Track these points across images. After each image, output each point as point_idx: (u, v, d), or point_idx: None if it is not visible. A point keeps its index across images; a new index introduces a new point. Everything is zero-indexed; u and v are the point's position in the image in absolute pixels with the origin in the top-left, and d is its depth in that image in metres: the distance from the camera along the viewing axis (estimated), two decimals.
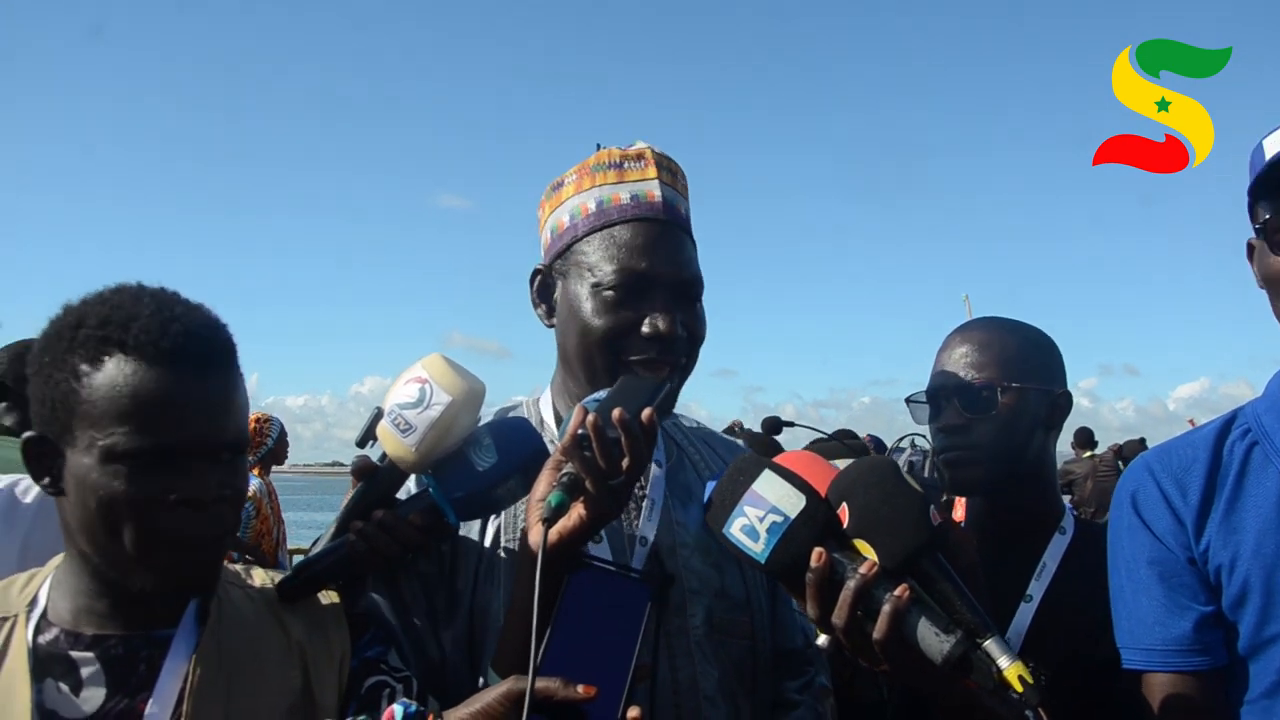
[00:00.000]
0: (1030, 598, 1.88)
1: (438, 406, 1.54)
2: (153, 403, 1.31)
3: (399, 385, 1.58)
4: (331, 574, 1.59)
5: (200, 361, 1.35)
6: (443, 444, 1.56)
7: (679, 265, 1.77)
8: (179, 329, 1.34)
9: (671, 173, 1.85)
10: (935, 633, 1.30)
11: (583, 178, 1.85)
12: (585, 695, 1.26)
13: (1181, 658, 1.58)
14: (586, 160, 1.86)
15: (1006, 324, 2.02)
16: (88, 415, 1.32)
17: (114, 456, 1.30)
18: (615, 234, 1.77)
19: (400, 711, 1.28)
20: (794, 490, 1.39)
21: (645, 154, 1.84)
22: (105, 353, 1.33)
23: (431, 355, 1.60)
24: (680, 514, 1.81)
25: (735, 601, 1.78)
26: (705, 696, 1.69)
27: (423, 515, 1.57)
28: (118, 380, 1.31)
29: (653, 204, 1.78)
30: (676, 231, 1.80)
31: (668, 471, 1.85)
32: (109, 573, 1.38)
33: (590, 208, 1.81)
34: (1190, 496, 1.60)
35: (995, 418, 1.90)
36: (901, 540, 1.35)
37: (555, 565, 1.45)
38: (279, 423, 7.31)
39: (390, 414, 1.56)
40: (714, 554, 1.78)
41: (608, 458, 1.40)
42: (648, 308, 1.73)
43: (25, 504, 1.95)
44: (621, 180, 1.81)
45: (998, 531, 1.99)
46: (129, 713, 1.35)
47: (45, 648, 1.38)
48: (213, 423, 1.36)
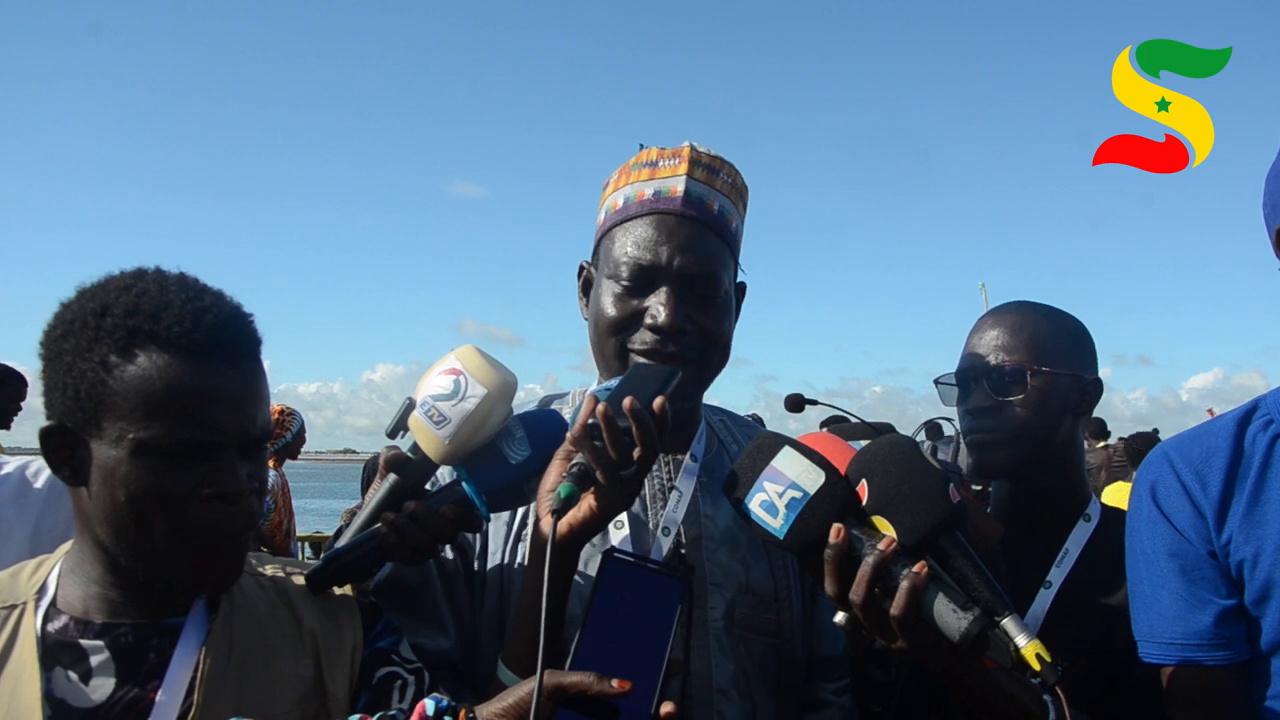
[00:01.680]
0: (1050, 584, 1.87)
1: (473, 399, 1.53)
2: (188, 396, 1.30)
3: (432, 376, 1.56)
4: (362, 565, 1.58)
5: (232, 353, 1.35)
6: (476, 436, 1.55)
7: (691, 258, 1.74)
8: (211, 320, 1.33)
9: (711, 170, 1.83)
10: (953, 610, 1.30)
11: (621, 176, 1.88)
12: (620, 690, 1.25)
13: (1202, 651, 1.56)
14: (629, 160, 1.89)
15: (1039, 308, 2.01)
16: (118, 408, 1.30)
17: (147, 450, 1.29)
18: (632, 227, 1.78)
19: (431, 706, 1.27)
20: (814, 466, 1.39)
21: (683, 152, 1.84)
22: (137, 344, 1.31)
23: (465, 346, 1.59)
24: (709, 506, 1.80)
25: (761, 598, 1.76)
26: (719, 690, 1.68)
27: (454, 508, 1.55)
28: (151, 373, 1.30)
29: (673, 198, 1.78)
30: (697, 225, 1.77)
31: (704, 464, 1.84)
32: (131, 564, 1.36)
33: (619, 204, 1.84)
34: (1211, 489, 1.58)
35: (1023, 401, 1.89)
36: (920, 517, 1.34)
37: (566, 556, 1.45)
38: (300, 417, 7.30)
39: (423, 405, 1.55)
40: (741, 549, 1.77)
41: (618, 447, 1.39)
42: (653, 299, 1.73)
43: (37, 488, 1.93)
44: (653, 177, 1.82)
45: (1021, 517, 1.98)
46: (139, 702, 1.34)
47: (54, 636, 1.36)
48: (245, 415, 1.35)
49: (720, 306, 1.79)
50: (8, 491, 1.89)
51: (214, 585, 1.41)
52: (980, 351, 1.98)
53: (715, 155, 1.85)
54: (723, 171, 1.85)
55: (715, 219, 1.80)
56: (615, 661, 1.29)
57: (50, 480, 1.93)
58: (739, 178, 1.88)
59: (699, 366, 1.77)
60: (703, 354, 1.77)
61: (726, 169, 1.85)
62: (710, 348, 1.78)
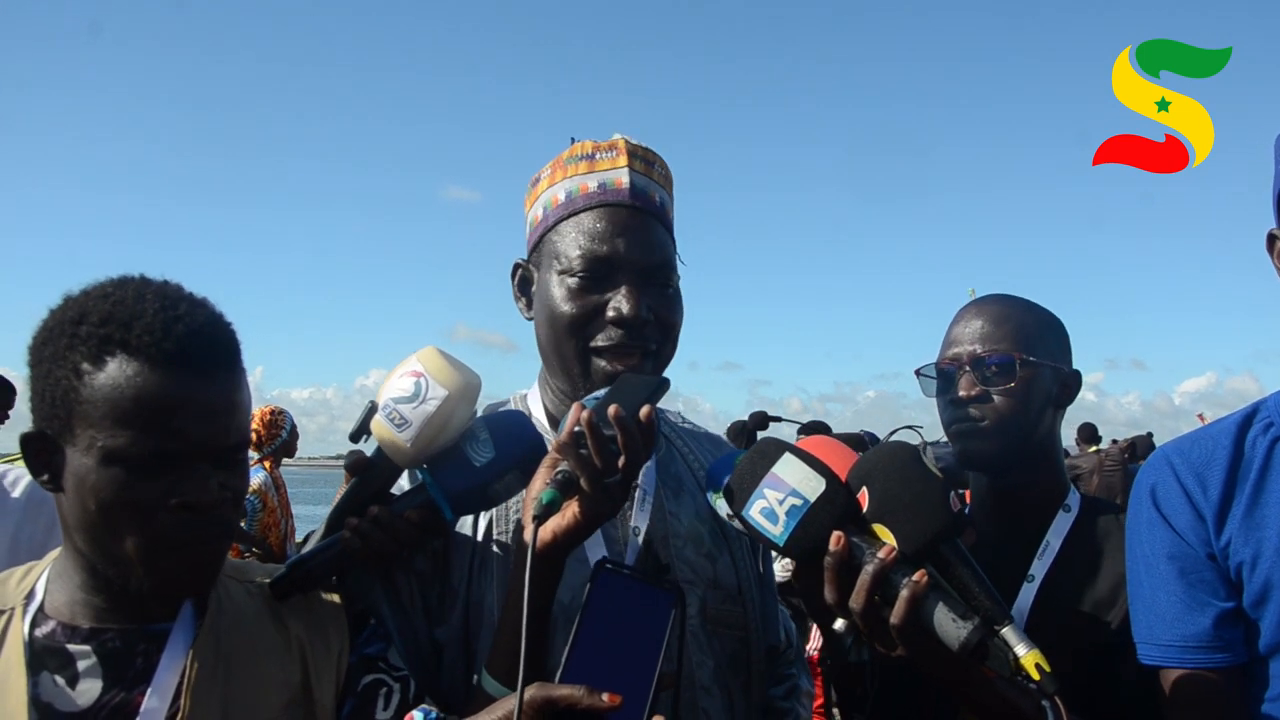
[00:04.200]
0: (1032, 577, 1.85)
1: (433, 401, 1.50)
2: (155, 406, 1.28)
3: (393, 378, 1.54)
4: (325, 571, 1.55)
5: (203, 363, 1.33)
6: (439, 439, 1.53)
7: (645, 249, 1.73)
8: (182, 329, 1.32)
9: (647, 162, 1.83)
10: (953, 619, 1.29)
11: (556, 170, 1.84)
12: (610, 704, 1.23)
13: (1201, 654, 1.55)
14: (561, 154, 1.86)
15: (1019, 301, 2.00)
16: (88, 415, 1.29)
17: (115, 459, 1.28)
18: (581, 221, 1.75)
19: (421, 717, 1.25)
20: (814, 474, 1.38)
21: (618, 144, 1.82)
22: (107, 352, 1.30)
23: (426, 348, 1.56)
24: (672, 504, 1.79)
25: (728, 592, 1.77)
26: (701, 686, 1.68)
27: (419, 511, 1.53)
28: (119, 381, 1.28)
29: (620, 190, 1.76)
30: (645, 217, 1.77)
31: (658, 463, 1.83)
32: (106, 571, 1.35)
33: (560, 198, 1.80)
34: (1211, 491, 1.57)
35: (1011, 390, 1.88)
36: (921, 526, 1.34)
37: (549, 564, 1.43)
38: (291, 416, 7.31)
39: (385, 408, 1.52)
40: (706, 545, 1.77)
41: (603, 455, 1.37)
42: (612, 292, 1.70)
43: (14, 497, 1.91)
44: (592, 170, 1.80)
45: (1002, 510, 1.97)
46: (126, 706, 1.33)
47: (42, 641, 1.36)
48: (216, 425, 1.33)
49: (673, 297, 1.78)
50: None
51: (188, 592, 1.40)
52: (964, 341, 1.95)
53: (646, 147, 1.85)
54: (656, 163, 1.85)
55: (659, 209, 1.80)
56: (606, 674, 1.27)
57: (29, 488, 1.91)
58: (667, 167, 1.88)
59: (656, 359, 1.75)
60: (661, 345, 1.75)
61: (659, 160, 1.85)
62: (665, 340, 1.76)
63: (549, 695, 1.24)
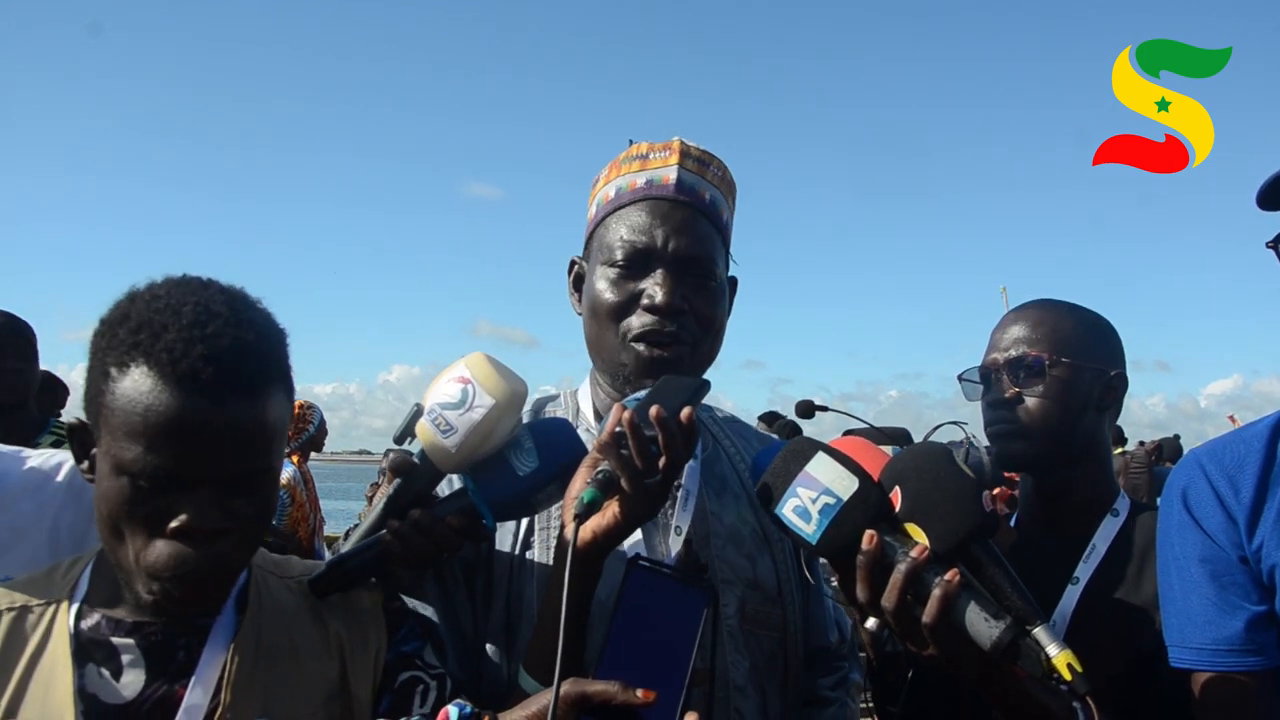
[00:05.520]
0: (1077, 580, 1.87)
1: (480, 409, 1.50)
2: (162, 425, 1.26)
3: (440, 383, 1.54)
4: (364, 571, 1.56)
5: (220, 388, 1.28)
6: (484, 447, 1.53)
7: (684, 240, 1.75)
8: (202, 350, 1.28)
9: (701, 163, 1.85)
10: (985, 618, 1.30)
11: (611, 170, 1.88)
12: (644, 700, 1.24)
13: (1233, 657, 1.55)
14: (619, 155, 1.89)
15: (1062, 305, 2.02)
16: (109, 421, 1.29)
17: (123, 470, 1.28)
18: (625, 214, 1.79)
19: (455, 713, 1.26)
20: (847, 473, 1.39)
21: (673, 145, 1.85)
22: (132, 360, 1.29)
23: (474, 354, 1.56)
24: (714, 504, 1.80)
25: (768, 594, 1.78)
26: (735, 686, 1.69)
27: (460, 517, 1.54)
28: (133, 394, 1.27)
29: (665, 185, 1.79)
30: (689, 210, 1.78)
31: (703, 462, 1.85)
32: (118, 574, 1.37)
33: (610, 195, 1.84)
34: (1243, 494, 1.57)
35: (1044, 391, 1.90)
36: (953, 525, 1.35)
37: (589, 563, 1.44)
38: (319, 410, 7.32)
39: (430, 413, 1.52)
40: (747, 545, 1.78)
41: (644, 456, 1.38)
42: (649, 280, 1.73)
43: (57, 482, 1.90)
44: (644, 168, 1.83)
45: (1047, 511, 1.99)
46: (169, 699, 1.35)
47: (87, 633, 1.37)
48: (225, 452, 1.29)
49: (714, 292, 1.79)
50: (27, 486, 1.85)
51: (190, 611, 1.38)
52: (1002, 345, 1.99)
53: (704, 150, 1.86)
54: (712, 165, 1.86)
55: (708, 206, 1.81)
56: (640, 670, 1.28)
57: (72, 474, 1.90)
58: (728, 173, 1.89)
59: (693, 350, 1.76)
60: (697, 339, 1.76)
61: (716, 163, 1.87)
62: (704, 333, 1.77)
63: (584, 691, 1.25)
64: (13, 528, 1.77)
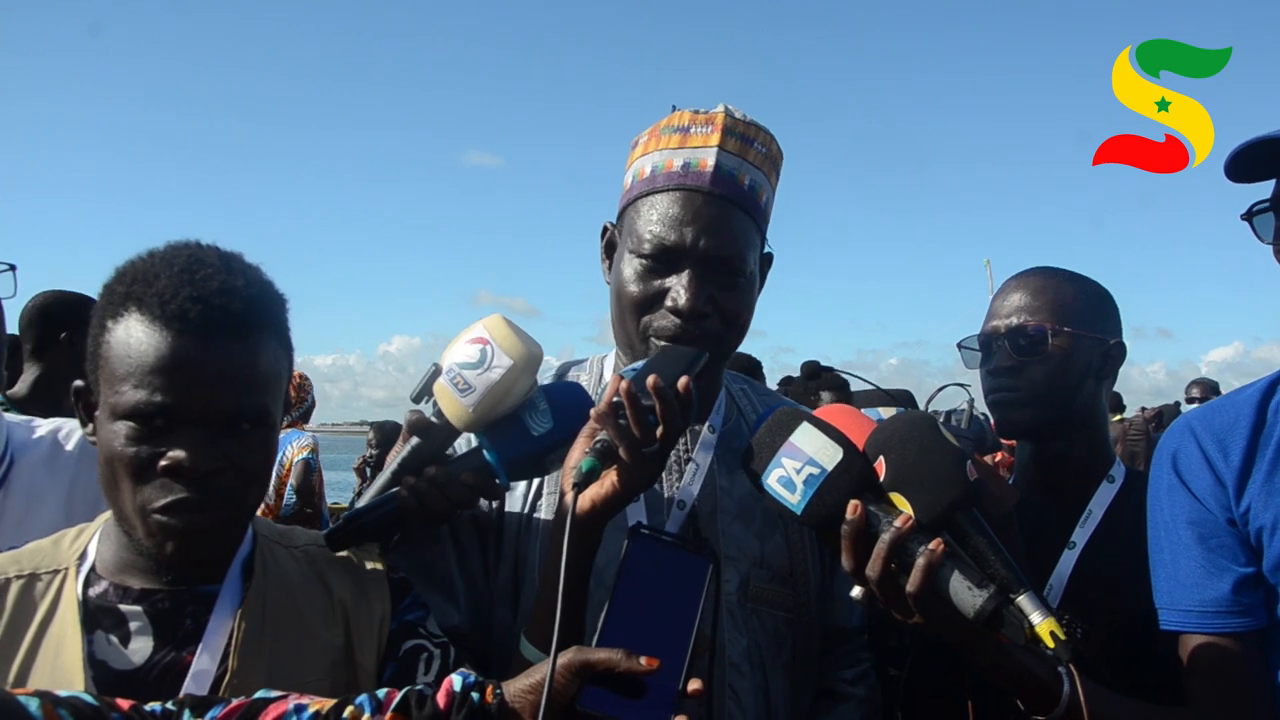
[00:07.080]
0: (1074, 545, 1.90)
1: (498, 369, 1.54)
2: (150, 363, 1.31)
3: (459, 344, 1.58)
4: (380, 526, 1.60)
5: (207, 327, 1.33)
6: (500, 406, 1.57)
7: (716, 240, 1.70)
8: (189, 293, 1.33)
9: (744, 140, 1.77)
10: (968, 587, 1.31)
11: (651, 139, 1.81)
12: (648, 667, 1.23)
13: (1220, 619, 1.57)
14: (660, 121, 1.83)
15: (1063, 273, 2.04)
16: (104, 370, 1.35)
17: (119, 414, 1.32)
18: (658, 202, 1.73)
19: (459, 682, 1.26)
20: (831, 443, 1.40)
21: (716, 119, 1.77)
22: (125, 309, 1.35)
23: (493, 316, 1.60)
24: (725, 479, 1.80)
25: (776, 573, 1.77)
26: (731, 663, 1.70)
27: (474, 474, 1.58)
28: (126, 338, 1.33)
29: (702, 173, 1.72)
30: (724, 204, 1.72)
31: (721, 435, 1.84)
32: (122, 528, 1.39)
33: (646, 171, 1.78)
34: (1232, 457, 1.59)
35: (1045, 360, 1.93)
36: (937, 495, 1.36)
37: (588, 532, 1.46)
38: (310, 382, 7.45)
39: (449, 372, 1.56)
40: (757, 522, 1.78)
41: (641, 425, 1.40)
42: (675, 280, 1.70)
43: (69, 450, 1.93)
44: (683, 145, 1.76)
45: (1045, 478, 2.02)
46: (176, 665, 1.37)
47: (95, 600, 1.40)
48: (214, 391, 1.33)
49: (742, 288, 1.75)
50: (39, 455, 1.90)
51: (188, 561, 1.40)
52: (1003, 314, 2.01)
53: (750, 122, 1.79)
54: (757, 140, 1.78)
55: (745, 195, 1.74)
56: (643, 638, 1.27)
57: (82, 441, 1.93)
58: (774, 145, 1.82)
59: (717, 346, 1.73)
60: (720, 337, 1.74)
61: (761, 137, 1.79)
62: (729, 330, 1.75)
63: (587, 659, 1.24)
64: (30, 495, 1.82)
